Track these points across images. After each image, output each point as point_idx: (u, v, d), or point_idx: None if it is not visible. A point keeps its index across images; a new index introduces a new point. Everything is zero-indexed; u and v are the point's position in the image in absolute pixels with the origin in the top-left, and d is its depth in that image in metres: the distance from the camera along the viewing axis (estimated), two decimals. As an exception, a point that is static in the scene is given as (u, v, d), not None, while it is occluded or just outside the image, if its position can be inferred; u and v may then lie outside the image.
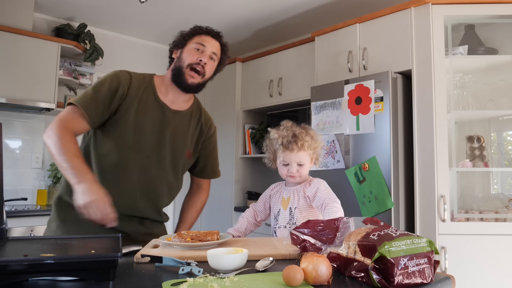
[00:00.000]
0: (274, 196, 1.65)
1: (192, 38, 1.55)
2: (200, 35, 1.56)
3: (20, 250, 0.97)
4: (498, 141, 2.53)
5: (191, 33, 1.57)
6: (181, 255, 1.12)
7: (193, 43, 1.54)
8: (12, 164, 3.29)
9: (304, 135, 1.55)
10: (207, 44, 1.54)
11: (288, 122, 1.62)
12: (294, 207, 1.55)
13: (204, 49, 1.53)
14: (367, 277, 0.89)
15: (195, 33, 1.56)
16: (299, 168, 1.56)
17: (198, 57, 1.51)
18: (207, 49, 1.54)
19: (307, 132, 1.57)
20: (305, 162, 1.56)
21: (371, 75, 2.45)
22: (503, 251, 2.15)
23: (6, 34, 2.92)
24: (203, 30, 1.57)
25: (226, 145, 3.76)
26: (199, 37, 1.55)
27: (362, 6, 3.15)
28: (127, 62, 3.98)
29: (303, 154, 1.54)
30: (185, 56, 1.53)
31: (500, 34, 2.52)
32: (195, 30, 1.57)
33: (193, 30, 1.58)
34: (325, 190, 1.52)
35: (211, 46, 1.55)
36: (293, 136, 1.55)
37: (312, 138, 1.57)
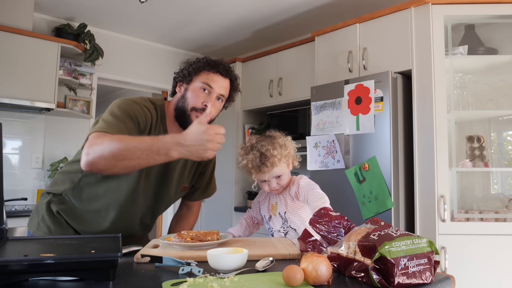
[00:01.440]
0: (264, 203, 1.67)
1: (199, 75, 1.41)
2: (208, 73, 1.41)
3: (20, 250, 0.97)
4: (498, 141, 2.53)
5: (197, 68, 1.42)
6: (181, 255, 1.12)
7: (199, 81, 1.40)
8: (12, 164, 3.29)
9: (272, 150, 1.49)
10: (214, 85, 1.40)
11: (253, 139, 1.57)
12: (283, 212, 1.56)
13: (211, 91, 1.39)
14: (367, 277, 0.89)
15: (202, 69, 1.41)
16: (278, 180, 1.54)
17: (203, 100, 1.38)
18: (214, 90, 1.40)
19: (273, 144, 1.51)
20: (282, 173, 1.53)
21: (371, 75, 2.45)
22: (503, 251, 2.15)
23: (6, 34, 2.92)
24: (211, 67, 1.41)
25: (226, 145, 3.75)
26: (207, 74, 1.40)
27: (362, 6, 3.15)
28: (127, 62, 3.99)
29: (277, 169, 1.51)
30: (189, 96, 1.39)
31: (500, 34, 2.52)
32: (202, 65, 1.42)
33: (200, 65, 1.42)
34: (305, 184, 1.52)
35: (219, 87, 1.41)
36: (261, 157, 1.49)
37: (281, 147, 1.52)
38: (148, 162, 1.13)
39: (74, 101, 3.57)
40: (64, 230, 1.42)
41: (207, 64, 1.41)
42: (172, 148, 1.11)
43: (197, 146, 1.11)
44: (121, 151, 1.11)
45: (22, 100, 2.95)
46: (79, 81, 3.41)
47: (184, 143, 1.10)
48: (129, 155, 1.11)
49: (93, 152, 1.12)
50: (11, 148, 3.30)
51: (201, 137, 1.10)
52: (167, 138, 1.12)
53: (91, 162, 1.13)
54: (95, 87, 3.69)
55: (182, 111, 1.39)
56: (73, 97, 3.55)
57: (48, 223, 1.42)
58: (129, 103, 1.32)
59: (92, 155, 1.12)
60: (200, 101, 1.38)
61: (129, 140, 1.13)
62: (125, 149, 1.11)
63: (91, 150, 1.13)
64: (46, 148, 3.44)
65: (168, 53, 4.27)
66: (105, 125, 1.21)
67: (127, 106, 1.30)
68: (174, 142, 1.11)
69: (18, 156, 3.32)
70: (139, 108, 1.32)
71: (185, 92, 1.41)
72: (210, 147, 1.11)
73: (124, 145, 1.11)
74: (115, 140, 1.12)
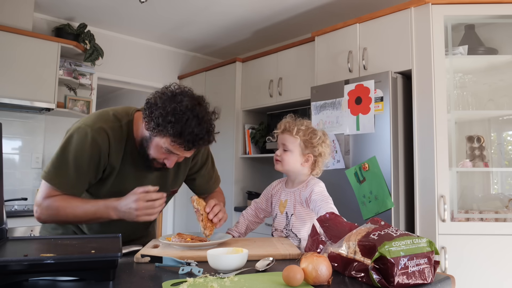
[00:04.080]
0: (275, 196, 1.63)
1: (163, 136, 1.25)
2: (174, 143, 1.24)
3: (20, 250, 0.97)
4: (498, 141, 2.53)
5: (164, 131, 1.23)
6: (181, 255, 1.12)
7: (162, 143, 1.26)
8: (12, 164, 3.29)
9: (300, 124, 1.52)
10: (179, 153, 1.29)
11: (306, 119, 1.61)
12: (290, 213, 1.52)
13: (174, 157, 1.31)
14: (367, 277, 0.89)
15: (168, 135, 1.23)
16: (284, 153, 1.52)
17: (165, 157, 1.30)
18: (179, 156, 1.31)
19: (309, 125, 1.54)
20: (290, 148, 1.51)
21: (371, 75, 2.45)
22: (503, 251, 2.15)
23: (6, 34, 2.92)
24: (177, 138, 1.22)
25: (226, 145, 3.76)
26: (172, 143, 1.24)
27: (362, 6, 3.15)
28: (127, 62, 3.99)
29: (289, 138, 1.51)
30: (151, 147, 1.30)
31: (500, 34, 2.52)
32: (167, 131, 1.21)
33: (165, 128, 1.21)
34: (319, 192, 1.46)
35: (185, 153, 1.31)
36: (291, 121, 1.55)
37: (312, 132, 1.52)
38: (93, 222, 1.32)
39: (74, 101, 3.57)
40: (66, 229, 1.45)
41: (173, 135, 1.22)
42: (111, 213, 1.27)
43: (127, 213, 1.24)
44: (69, 220, 1.30)
45: (22, 100, 2.95)
46: (79, 81, 3.42)
47: (119, 209, 1.25)
48: (76, 221, 1.32)
49: (44, 217, 1.31)
50: (11, 148, 3.30)
51: (130, 205, 1.23)
52: (107, 204, 1.27)
53: (42, 221, 1.33)
54: (95, 87, 3.69)
55: (144, 153, 1.33)
56: (73, 97, 3.55)
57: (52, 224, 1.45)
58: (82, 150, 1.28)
59: (43, 218, 1.32)
60: (161, 157, 1.31)
61: (76, 211, 1.27)
62: (73, 218, 1.29)
63: (42, 214, 1.30)
64: (46, 148, 3.44)
65: (168, 53, 4.27)
66: (65, 184, 1.29)
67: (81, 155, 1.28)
68: (112, 207, 1.26)
69: (18, 156, 3.33)
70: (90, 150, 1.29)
71: (149, 141, 1.30)
72: (138, 214, 1.23)
73: (71, 216, 1.28)
74: (63, 211, 1.27)
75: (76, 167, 1.28)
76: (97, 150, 1.29)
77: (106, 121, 1.33)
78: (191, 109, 1.23)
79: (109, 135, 1.31)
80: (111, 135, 1.32)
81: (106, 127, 1.31)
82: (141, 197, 1.22)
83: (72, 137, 1.30)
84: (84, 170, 1.29)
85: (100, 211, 1.27)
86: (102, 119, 1.34)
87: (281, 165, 1.54)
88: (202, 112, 1.26)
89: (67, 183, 1.29)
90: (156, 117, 1.23)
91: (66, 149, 1.29)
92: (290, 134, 1.51)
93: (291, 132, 1.51)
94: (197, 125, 1.23)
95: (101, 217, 1.28)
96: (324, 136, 1.55)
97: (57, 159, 1.30)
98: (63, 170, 1.28)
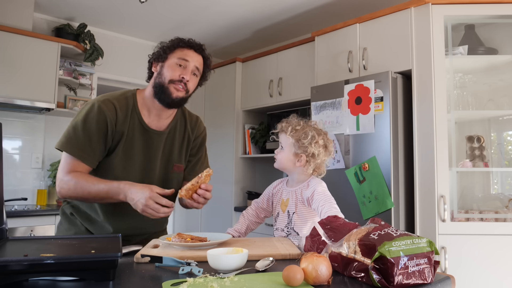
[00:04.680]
0: (276, 195, 1.64)
1: (174, 52, 1.48)
2: (182, 49, 1.48)
3: (20, 250, 0.97)
4: (498, 141, 2.53)
5: (172, 46, 1.49)
6: (181, 255, 1.12)
7: (174, 58, 1.47)
8: (12, 164, 3.29)
9: (296, 124, 1.56)
10: (189, 58, 1.47)
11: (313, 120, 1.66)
12: (292, 212, 1.53)
13: (187, 64, 1.47)
14: (367, 277, 0.89)
15: (176, 46, 1.49)
16: (279, 152, 1.59)
17: (180, 73, 1.45)
18: (190, 64, 1.47)
19: (305, 126, 1.56)
20: (284, 147, 1.57)
21: (371, 75, 2.45)
22: (503, 251, 2.15)
23: (6, 34, 2.92)
24: (185, 43, 1.49)
25: (226, 145, 3.76)
26: (181, 51, 1.48)
27: (362, 6, 3.15)
28: (127, 62, 3.98)
29: (283, 136, 1.58)
30: (166, 71, 1.46)
31: (500, 34, 2.52)
32: (177, 43, 1.49)
33: (174, 43, 1.50)
34: (322, 192, 1.47)
35: (194, 60, 1.48)
36: (287, 120, 1.60)
37: (302, 129, 1.54)
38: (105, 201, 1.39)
39: (74, 101, 3.57)
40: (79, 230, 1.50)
41: (181, 41, 1.49)
42: (121, 196, 1.34)
43: (134, 203, 1.31)
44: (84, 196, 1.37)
45: (22, 100, 2.95)
46: (79, 81, 3.41)
47: (129, 196, 1.32)
48: (90, 199, 1.39)
49: (64, 191, 1.39)
50: (11, 148, 3.30)
51: (140, 199, 1.29)
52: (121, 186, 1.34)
53: (62, 196, 1.41)
54: (95, 87, 3.68)
55: (160, 85, 1.46)
56: (73, 97, 3.55)
57: (64, 226, 1.53)
58: (90, 118, 1.40)
59: (63, 193, 1.40)
60: (177, 74, 1.45)
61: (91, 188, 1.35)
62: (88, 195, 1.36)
63: (63, 189, 1.39)
64: (46, 148, 3.44)
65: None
66: (76, 149, 1.39)
67: (89, 122, 1.40)
68: (124, 191, 1.33)
69: (18, 156, 3.33)
70: (97, 118, 1.41)
71: (161, 69, 1.47)
72: (143, 209, 1.29)
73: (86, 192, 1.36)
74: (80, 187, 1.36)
75: (84, 132, 1.38)
76: (103, 118, 1.40)
77: (112, 96, 1.47)
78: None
79: (115, 105, 1.43)
80: (117, 106, 1.44)
81: (112, 99, 1.45)
82: (153, 196, 1.28)
83: (82, 110, 1.43)
84: (93, 135, 1.39)
85: (112, 191, 1.34)
86: (109, 95, 1.48)
87: (275, 163, 1.61)
88: None
89: (78, 148, 1.38)
90: (161, 46, 1.51)
91: (77, 121, 1.41)
92: (285, 133, 1.57)
93: (285, 132, 1.57)
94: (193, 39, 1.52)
95: (112, 197, 1.35)
96: (318, 136, 1.54)
97: (68, 129, 1.42)
98: (73, 136, 1.39)
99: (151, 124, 1.51)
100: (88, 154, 1.39)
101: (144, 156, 1.49)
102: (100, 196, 1.36)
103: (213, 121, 3.92)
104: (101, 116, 1.40)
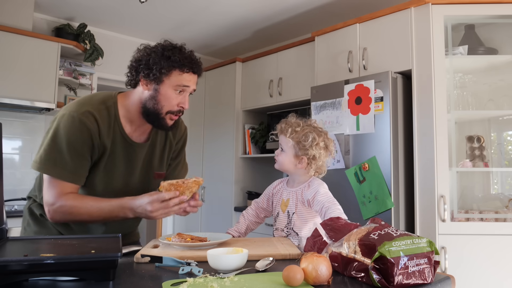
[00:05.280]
0: (276, 195, 1.64)
1: (170, 74, 1.31)
2: (181, 72, 1.31)
3: (20, 250, 0.97)
4: (498, 141, 2.53)
5: (168, 67, 1.30)
6: (181, 255, 1.12)
7: (172, 84, 1.31)
8: (12, 164, 3.29)
9: (296, 126, 1.53)
10: (189, 83, 1.33)
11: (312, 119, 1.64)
12: (292, 212, 1.52)
13: (186, 90, 1.34)
14: (367, 277, 0.89)
15: (173, 67, 1.30)
16: (280, 153, 1.56)
17: (179, 102, 1.34)
18: (189, 88, 1.35)
19: (301, 124, 1.54)
20: (284, 149, 1.55)
21: (371, 75, 2.45)
22: (503, 251, 2.15)
23: (6, 34, 2.92)
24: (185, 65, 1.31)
25: (226, 145, 3.76)
26: (180, 74, 1.31)
27: (362, 6, 3.15)
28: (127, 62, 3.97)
29: (283, 139, 1.55)
30: (162, 99, 1.32)
31: (500, 34, 2.52)
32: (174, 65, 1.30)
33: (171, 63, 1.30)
34: (325, 194, 1.46)
35: (192, 83, 1.35)
36: (287, 121, 1.58)
37: (303, 133, 1.50)
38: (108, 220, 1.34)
39: (74, 101, 3.57)
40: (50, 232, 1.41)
41: (179, 64, 1.31)
42: (127, 212, 1.29)
43: (143, 213, 1.27)
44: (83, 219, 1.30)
45: (22, 100, 2.95)
46: (79, 81, 3.41)
47: (135, 210, 1.28)
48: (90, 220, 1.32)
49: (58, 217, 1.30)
50: (11, 148, 3.30)
51: (145, 207, 1.26)
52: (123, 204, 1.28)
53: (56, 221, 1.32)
54: (95, 87, 3.68)
55: (154, 113, 1.34)
56: (73, 97, 3.54)
57: (33, 228, 1.43)
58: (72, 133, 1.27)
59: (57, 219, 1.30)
60: (175, 104, 1.34)
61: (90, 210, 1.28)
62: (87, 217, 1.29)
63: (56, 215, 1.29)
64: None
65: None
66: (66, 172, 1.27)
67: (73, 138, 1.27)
68: (128, 207, 1.28)
69: (18, 156, 3.32)
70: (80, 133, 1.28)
71: (156, 94, 1.32)
72: (155, 215, 1.26)
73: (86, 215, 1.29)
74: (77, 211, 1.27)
75: (70, 152, 1.26)
76: (87, 132, 1.29)
77: (91, 105, 1.33)
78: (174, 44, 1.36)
79: (96, 117, 1.31)
80: (98, 117, 1.31)
81: (92, 110, 1.31)
82: (154, 199, 1.25)
83: (59, 124, 1.29)
84: (80, 153, 1.28)
85: (115, 210, 1.29)
86: (86, 103, 1.33)
87: (276, 164, 1.59)
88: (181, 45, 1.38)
89: (67, 170, 1.27)
90: (155, 63, 1.29)
91: (57, 137, 1.28)
92: (284, 134, 1.55)
93: (285, 134, 1.54)
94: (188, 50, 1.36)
95: (117, 216, 1.30)
96: (319, 138, 1.52)
97: (49, 148, 1.28)
98: (58, 157, 1.27)
99: (132, 136, 1.41)
100: (78, 175, 1.29)
101: (125, 169, 1.41)
102: (103, 217, 1.29)
103: (213, 121, 3.92)
104: (84, 130, 1.28)
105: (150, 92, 1.34)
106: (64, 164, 1.27)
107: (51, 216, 1.30)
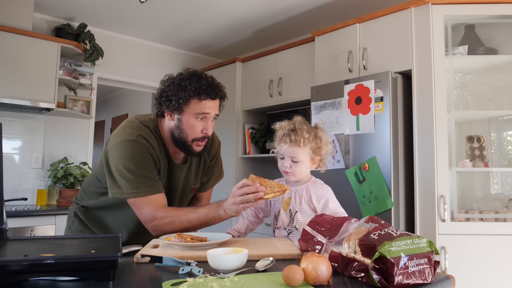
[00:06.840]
0: None
1: (189, 103, 1.38)
2: (199, 100, 1.37)
3: (20, 250, 0.97)
4: (498, 141, 2.53)
5: (185, 96, 1.36)
6: (181, 255, 1.12)
7: (192, 112, 1.38)
8: (12, 164, 3.29)
9: (305, 133, 1.47)
10: (209, 110, 1.40)
11: (298, 117, 1.56)
12: (295, 211, 1.52)
13: (207, 116, 1.41)
14: (367, 277, 0.89)
15: (190, 98, 1.37)
16: (294, 164, 1.49)
17: (202, 129, 1.41)
18: (210, 115, 1.42)
19: (310, 130, 1.50)
20: (301, 160, 1.48)
21: (371, 75, 2.45)
22: (503, 251, 2.15)
23: (6, 34, 2.92)
24: (200, 93, 1.36)
25: (226, 145, 3.75)
26: (198, 103, 1.37)
27: (362, 6, 3.15)
28: (127, 62, 3.99)
29: (297, 150, 1.47)
30: (186, 128, 1.40)
31: (500, 34, 2.52)
32: (191, 94, 1.36)
33: (187, 94, 1.36)
34: (335, 202, 1.51)
35: (213, 109, 1.41)
36: (291, 130, 1.49)
37: (316, 138, 1.49)
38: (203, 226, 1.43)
39: (74, 101, 3.57)
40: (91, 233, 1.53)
41: (195, 92, 1.37)
42: (222, 214, 1.37)
43: (233, 212, 1.34)
44: (184, 226, 1.37)
45: (22, 100, 2.95)
46: (79, 81, 3.42)
47: (227, 210, 1.36)
48: (189, 227, 1.38)
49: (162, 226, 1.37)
50: (11, 148, 3.30)
51: (230, 207, 1.34)
52: (216, 208, 1.38)
53: (160, 232, 1.38)
54: (95, 87, 3.69)
55: (181, 142, 1.43)
56: (73, 97, 3.55)
57: (78, 228, 1.54)
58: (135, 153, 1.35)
59: (161, 229, 1.37)
60: (198, 131, 1.42)
61: (189, 217, 1.37)
62: (187, 224, 1.37)
63: (160, 224, 1.36)
64: (46, 148, 3.44)
65: (168, 53, 4.27)
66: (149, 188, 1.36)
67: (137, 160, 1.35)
68: (222, 209, 1.36)
69: (18, 156, 3.33)
70: (143, 152, 1.37)
71: (180, 123, 1.41)
72: (239, 210, 1.33)
73: (186, 221, 1.37)
74: (178, 219, 1.36)
75: (142, 169, 1.35)
76: (147, 152, 1.38)
77: (139, 129, 1.41)
78: (193, 71, 1.42)
79: (148, 139, 1.40)
80: (149, 140, 1.40)
81: (143, 134, 1.40)
82: (234, 193, 1.33)
83: (119, 152, 1.36)
84: (149, 167, 1.37)
85: (211, 213, 1.37)
86: (135, 128, 1.41)
87: (293, 177, 1.52)
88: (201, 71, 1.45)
89: (149, 184, 1.36)
90: (173, 94, 1.37)
91: (125, 163, 1.34)
92: (298, 146, 1.47)
93: (298, 144, 1.47)
94: (207, 76, 1.42)
95: (213, 218, 1.38)
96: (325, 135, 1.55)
97: (123, 175, 1.34)
98: (136, 179, 1.34)
99: (174, 158, 1.52)
100: (158, 182, 1.39)
101: (167, 188, 1.51)
102: (202, 221, 1.38)
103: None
104: (144, 150, 1.38)
105: (175, 122, 1.42)
106: (145, 181, 1.35)
107: (155, 227, 1.36)
